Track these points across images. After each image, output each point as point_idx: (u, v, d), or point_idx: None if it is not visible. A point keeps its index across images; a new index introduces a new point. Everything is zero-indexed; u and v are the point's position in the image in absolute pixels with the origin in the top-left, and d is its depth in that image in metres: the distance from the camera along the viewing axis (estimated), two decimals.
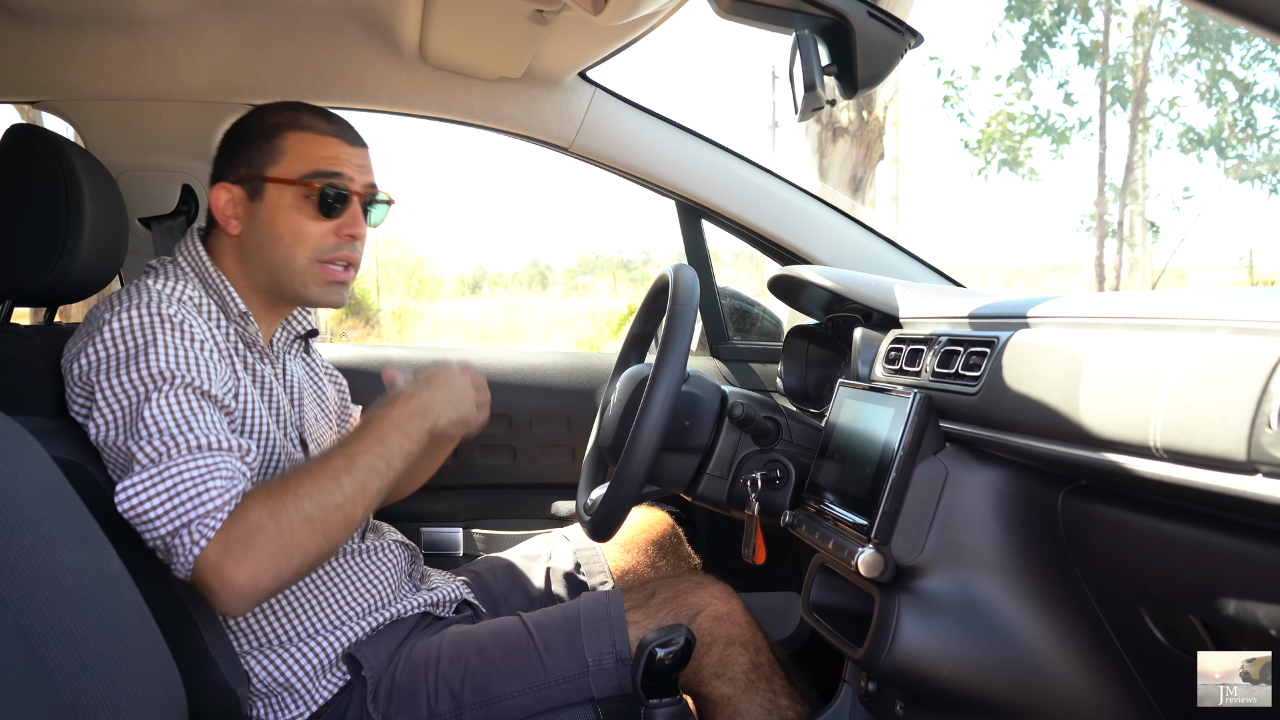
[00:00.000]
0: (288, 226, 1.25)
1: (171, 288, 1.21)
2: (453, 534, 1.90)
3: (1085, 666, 1.02)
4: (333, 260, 1.28)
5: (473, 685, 1.23)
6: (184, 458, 1.06)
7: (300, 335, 1.41)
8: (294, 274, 1.27)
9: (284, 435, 1.30)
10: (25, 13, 1.54)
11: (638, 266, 30.23)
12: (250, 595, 1.03)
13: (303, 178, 1.25)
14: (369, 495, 1.12)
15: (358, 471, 1.11)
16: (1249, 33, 7.52)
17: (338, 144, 1.28)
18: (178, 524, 1.03)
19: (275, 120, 1.28)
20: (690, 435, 1.32)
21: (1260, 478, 0.70)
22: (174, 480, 1.04)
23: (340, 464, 1.12)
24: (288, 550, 1.05)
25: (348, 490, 1.10)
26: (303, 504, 1.07)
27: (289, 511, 1.06)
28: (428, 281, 21.85)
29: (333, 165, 1.26)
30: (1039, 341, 1.00)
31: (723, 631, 1.29)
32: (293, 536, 1.05)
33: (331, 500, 1.08)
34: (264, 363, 1.30)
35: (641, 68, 61.84)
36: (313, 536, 1.06)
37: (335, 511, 1.09)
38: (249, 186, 1.26)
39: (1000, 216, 42.34)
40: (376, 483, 1.13)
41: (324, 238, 1.26)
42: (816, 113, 1.04)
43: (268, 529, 1.04)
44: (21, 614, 0.77)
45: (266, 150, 1.26)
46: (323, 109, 1.31)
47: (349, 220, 1.27)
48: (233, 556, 1.02)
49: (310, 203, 1.25)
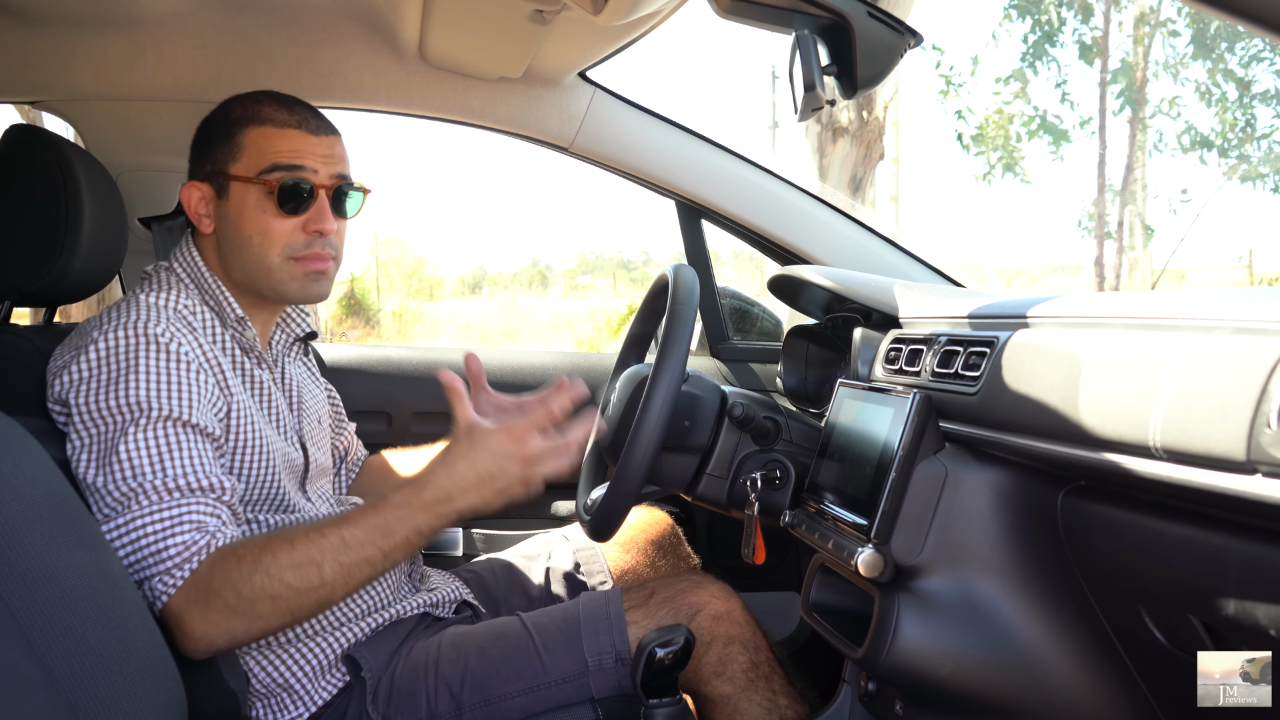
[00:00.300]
0: (255, 225, 1.23)
1: (165, 299, 1.19)
2: (452, 534, 1.90)
3: (1085, 666, 1.02)
4: (304, 258, 1.24)
5: (472, 685, 1.23)
6: (151, 505, 1.05)
7: (299, 338, 1.40)
8: (268, 272, 1.24)
9: (284, 440, 1.30)
10: (25, 13, 1.54)
11: (638, 266, 30.24)
12: (205, 650, 1.03)
13: (261, 174, 1.22)
14: (351, 585, 1.06)
15: (348, 558, 1.05)
16: (1249, 33, 7.53)
17: (299, 135, 1.24)
18: (141, 575, 1.03)
19: (237, 114, 1.26)
20: (690, 435, 1.32)
21: (1260, 478, 0.70)
22: (137, 534, 1.04)
23: (331, 545, 1.05)
24: (246, 620, 1.02)
25: (328, 576, 1.04)
26: (271, 582, 1.02)
27: (256, 584, 1.02)
28: (428, 281, 21.85)
29: (292, 158, 1.22)
30: (1039, 341, 1.00)
31: (722, 631, 1.29)
32: (254, 609, 1.02)
33: (307, 583, 1.03)
34: (261, 368, 1.30)
35: (641, 68, 61.88)
36: (276, 612, 1.03)
37: (308, 595, 1.04)
38: (216, 184, 1.25)
39: (1001, 217, 42.37)
40: (365, 573, 1.06)
41: (293, 235, 1.23)
42: (816, 113, 1.04)
43: (226, 598, 1.01)
44: (21, 614, 0.77)
45: (228, 147, 1.24)
46: (288, 98, 1.28)
47: (315, 215, 1.23)
48: (190, 613, 1.02)
49: (272, 199, 1.22)
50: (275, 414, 1.30)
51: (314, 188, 1.24)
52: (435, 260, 30.26)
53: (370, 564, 1.06)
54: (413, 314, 15.52)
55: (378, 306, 15.53)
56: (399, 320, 15.13)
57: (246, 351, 1.28)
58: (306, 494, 1.34)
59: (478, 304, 22.66)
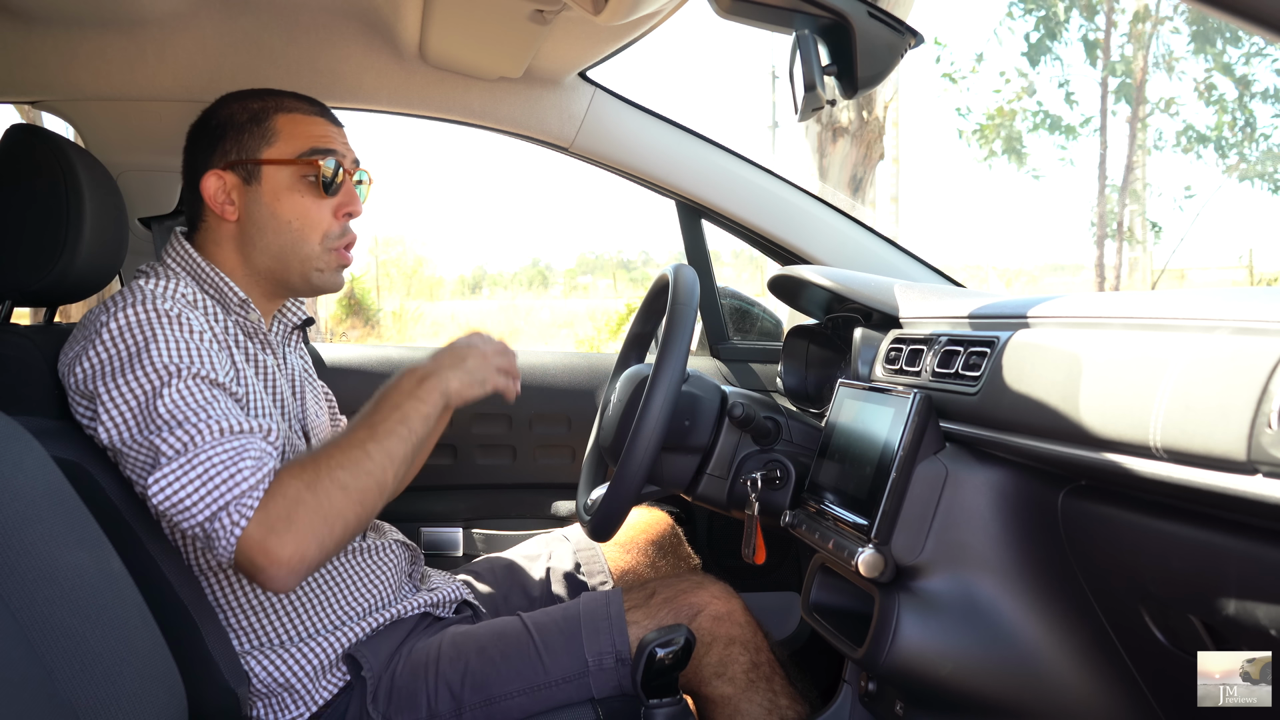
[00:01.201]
0: (293, 209, 1.25)
1: (165, 287, 1.20)
2: (453, 534, 1.90)
3: (1085, 666, 1.02)
4: (340, 246, 1.29)
5: (473, 685, 1.23)
6: (210, 442, 1.06)
7: (296, 325, 1.41)
8: (305, 259, 1.27)
9: (288, 425, 1.30)
10: (25, 13, 1.54)
11: (638, 266, 30.24)
12: (299, 568, 1.03)
13: (301, 156, 1.25)
14: (396, 461, 1.12)
15: (381, 439, 1.12)
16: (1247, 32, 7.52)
17: (324, 123, 1.30)
18: (215, 508, 1.02)
19: (259, 105, 1.28)
20: (690, 435, 1.32)
21: (1260, 478, 0.70)
22: (205, 465, 1.04)
23: (363, 434, 1.12)
24: (329, 520, 1.05)
25: (376, 457, 1.10)
26: (336, 473, 1.07)
27: (324, 482, 1.06)
28: (428, 281, 21.86)
29: (326, 142, 1.27)
30: (1039, 341, 1.00)
31: (723, 631, 1.29)
32: (332, 506, 1.05)
33: (363, 468, 1.09)
34: (266, 352, 1.30)
35: (641, 68, 61.88)
36: (350, 504, 1.07)
37: (368, 478, 1.09)
38: (243, 171, 1.26)
39: (1001, 216, 42.38)
40: (401, 448, 1.13)
41: (329, 221, 1.27)
42: (816, 113, 1.04)
43: (307, 501, 1.04)
44: (21, 614, 0.77)
45: (258, 133, 1.26)
46: (299, 94, 1.32)
47: (346, 198, 1.29)
48: (276, 532, 1.02)
49: (309, 182, 1.26)
50: (279, 398, 1.30)
51: (344, 171, 1.28)
52: (435, 260, 30.29)
53: (400, 439, 1.13)
54: (413, 314, 15.52)
55: (377, 306, 15.53)
56: (399, 320, 15.13)
57: (250, 336, 1.29)
58: None
59: (478, 304, 22.67)
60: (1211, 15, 0.79)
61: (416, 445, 1.15)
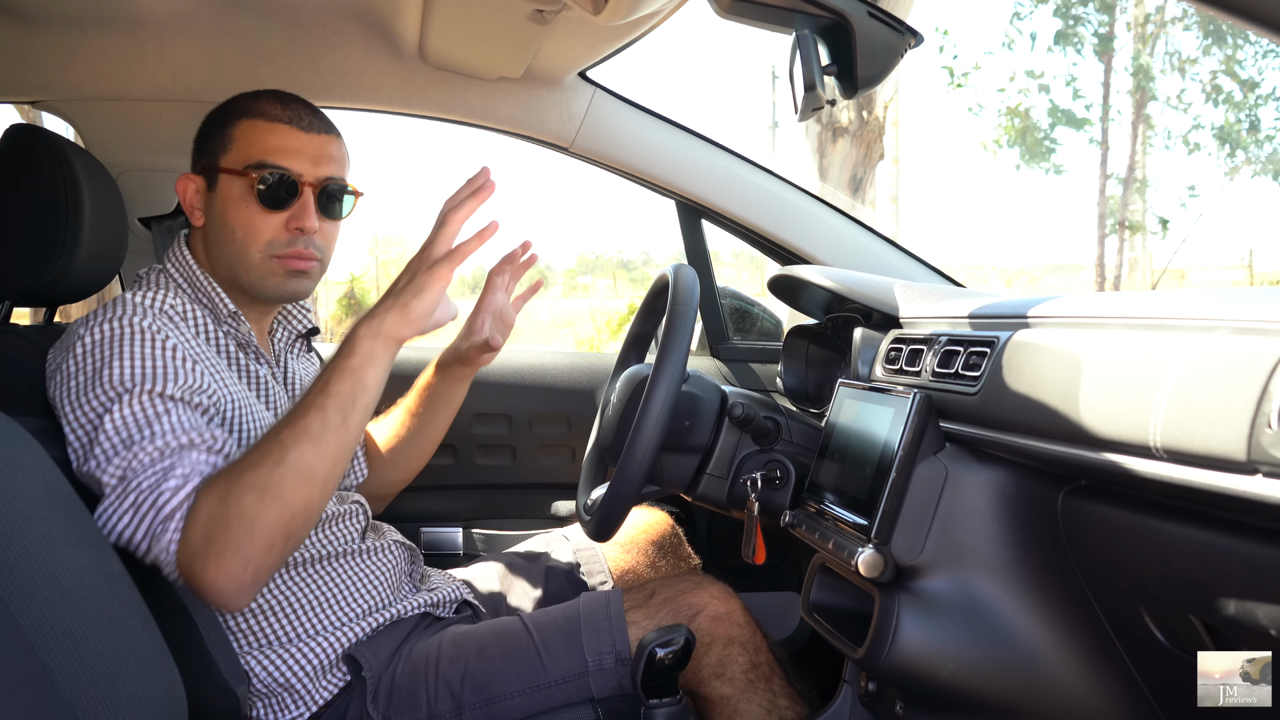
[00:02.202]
0: (238, 219, 1.23)
1: (153, 298, 1.19)
2: (453, 534, 1.90)
3: (1085, 666, 1.02)
4: (285, 256, 1.23)
5: (473, 685, 1.23)
6: (143, 469, 1.02)
7: (301, 334, 1.40)
8: (249, 268, 1.24)
9: None
10: (25, 13, 1.54)
11: (638, 266, 30.23)
12: (232, 589, 0.98)
13: (247, 167, 1.22)
14: (319, 439, 1.00)
15: (297, 419, 1.01)
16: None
17: (289, 131, 1.23)
18: (149, 537, 1.00)
19: (233, 108, 1.27)
20: (690, 435, 1.32)
21: (1260, 478, 0.70)
22: (135, 494, 1.01)
23: (279, 423, 1.03)
24: (250, 530, 0.97)
25: (290, 444, 0.99)
26: (246, 476, 0.98)
27: (235, 490, 0.98)
28: None
29: (278, 155, 1.22)
30: (1039, 341, 1.00)
31: (722, 632, 1.29)
32: (246, 515, 0.97)
33: (275, 459, 0.98)
34: (260, 363, 1.30)
35: (641, 68, 61.84)
36: (269, 507, 0.97)
37: (285, 470, 0.98)
38: (207, 176, 1.26)
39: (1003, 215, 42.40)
40: (321, 422, 1.01)
41: (276, 232, 1.23)
42: (816, 113, 1.04)
43: (218, 516, 0.97)
44: (21, 614, 0.77)
45: (219, 139, 1.25)
46: (288, 95, 1.28)
47: (298, 212, 1.23)
48: (199, 557, 0.98)
49: (255, 194, 1.22)
50: (276, 408, 1.30)
51: (299, 185, 1.23)
52: None
53: (321, 411, 1.01)
54: None
55: None
56: None
57: (242, 348, 1.28)
58: None
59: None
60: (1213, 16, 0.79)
61: (346, 412, 1.02)
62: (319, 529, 1.30)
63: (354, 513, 1.37)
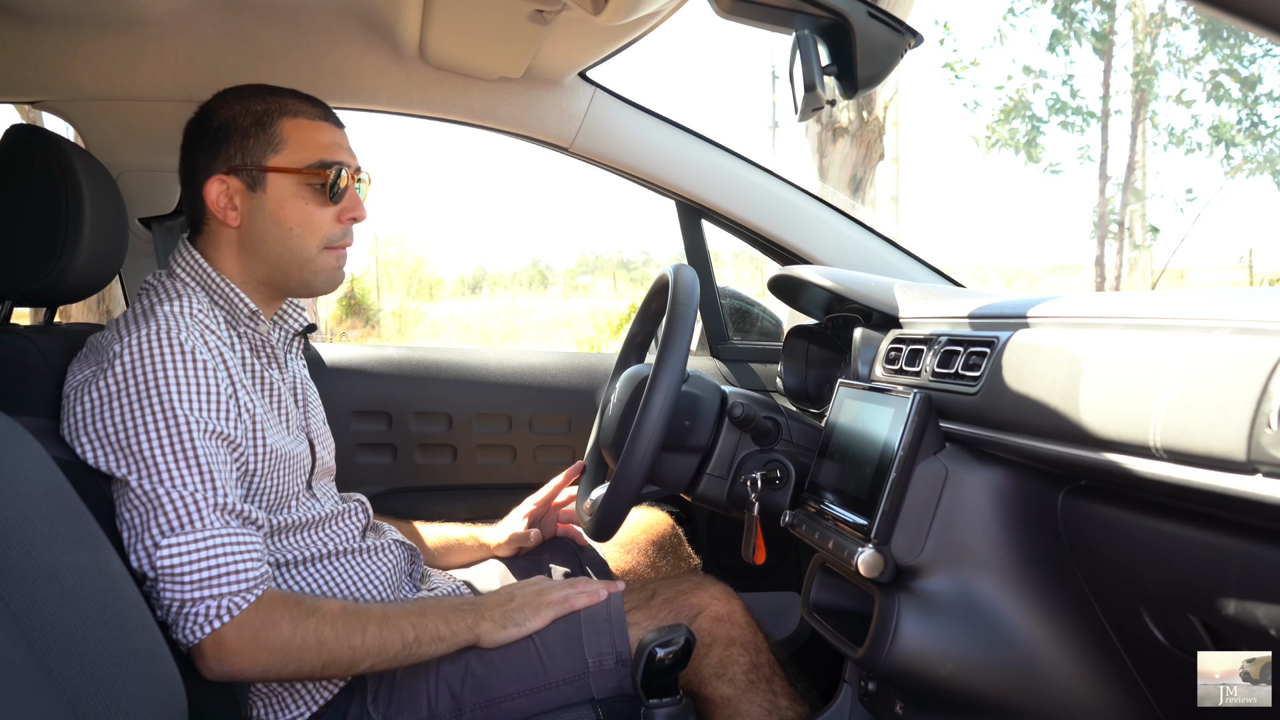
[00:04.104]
0: (296, 216, 1.25)
1: (181, 306, 1.19)
2: None
3: (1085, 666, 1.02)
4: (339, 246, 1.29)
5: (473, 686, 1.23)
6: (220, 524, 1.07)
7: (298, 332, 1.40)
8: (304, 262, 1.27)
9: (292, 439, 1.30)
10: (25, 13, 1.54)
11: (638, 266, 30.25)
12: (235, 676, 1.07)
13: (310, 166, 1.25)
14: (385, 655, 1.14)
15: (388, 630, 1.14)
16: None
17: (329, 128, 1.29)
18: (207, 592, 1.04)
19: (262, 107, 1.26)
20: (690, 435, 1.32)
21: (1260, 478, 0.70)
22: (215, 549, 1.06)
23: (376, 614, 1.14)
24: (287, 658, 1.07)
25: (369, 641, 1.12)
26: (323, 628, 1.09)
27: (308, 626, 1.08)
28: (428, 281, 21.85)
29: (333, 152, 1.27)
30: (1039, 341, 1.00)
31: (723, 632, 1.28)
32: (300, 650, 1.08)
33: (349, 641, 1.11)
34: (271, 368, 1.30)
35: (641, 68, 61.87)
36: (316, 660, 1.09)
37: (347, 651, 1.11)
38: (247, 177, 1.25)
39: (1003, 215, 42.41)
40: (397, 648, 1.14)
41: (330, 225, 1.27)
42: (816, 113, 1.04)
43: (283, 631, 1.07)
44: (21, 614, 0.77)
45: (264, 139, 1.25)
46: (301, 92, 1.31)
47: (351, 203, 1.29)
48: (242, 639, 1.05)
49: (315, 190, 1.25)
50: (284, 413, 1.30)
51: (349, 178, 1.28)
52: (435, 260, 30.29)
53: (402, 639, 1.15)
54: (413, 314, 15.51)
55: (377, 306, 15.53)
56: (399, 320, 15.12)
57: (256, 352, 1.28)
58: (314, 491, 1.35)
59: (478, 304, 22.65)
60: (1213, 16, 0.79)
61: (414, 656, 1.17)
62: (319, 528, 1.30)
63: (354, 511, 1.37)
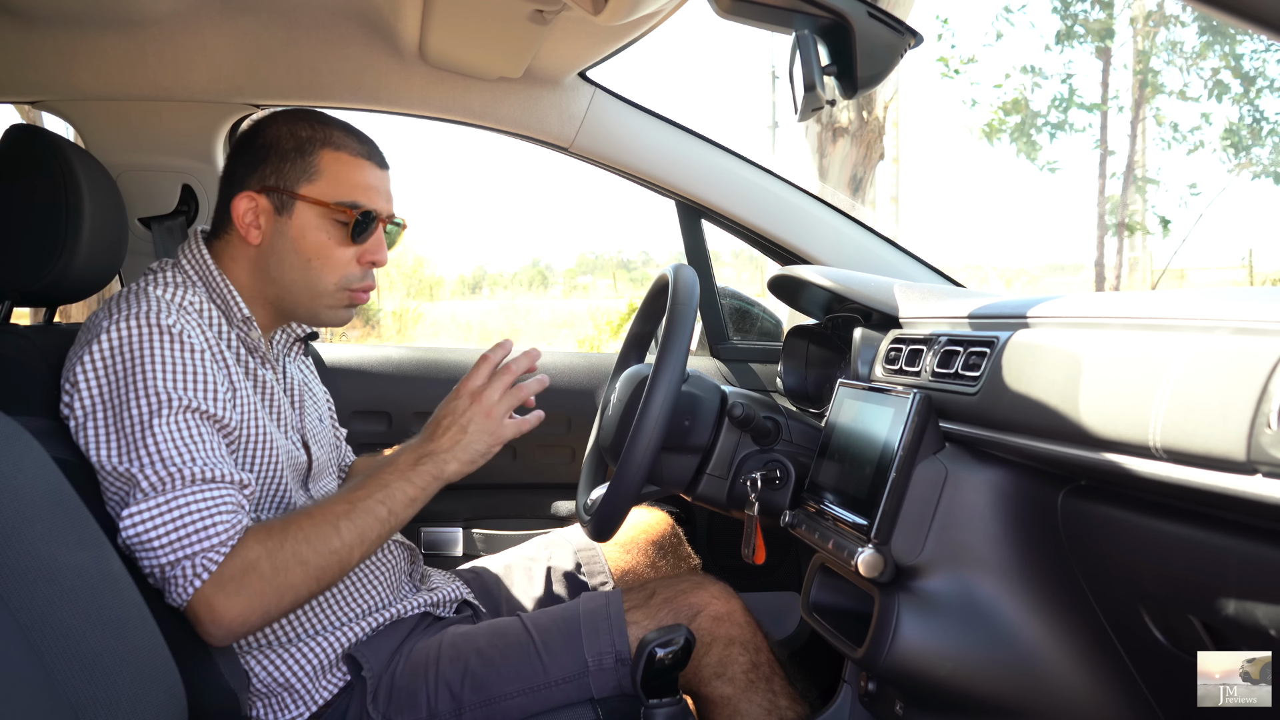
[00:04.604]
0: (315, 248, 1.24)
1: (173, 294, 1.19)
2: (452, 534, 1.90)
3: (1085, 666, 1.02)
4: (357, 289, 1.28)
5: (472, 685, 1.23)
6: (190, 488, 1.06)
7: (300, 338, 1.40)
8: (316, 295, 1.26)
9: (286, 438, 1.30)
10: (25, 13, 1.54)
11: (638, 266, 30.24)
12: (238, 631, 1.05)
13: (339, 203, 1.23)
14: (367, 541, 1.13)
15: (358, 517, 1.12)
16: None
17: (370, 169, 1.27)
18: (179, 554, 1.03)
19: (307, 134, 1.25)
20: (690, 435, 1.32)
21: (1260, 478, 0.70)
22: (180, 510, 1.05)
23: (341, 509, 1.12)
24: (279, 591, 1.06)
25: (346, 536, 1.11)
26: (299, 547, 1.08)
27: (285, 553, 1.07)
28: (428, 281, 21.83)
29: (367, 195, 1.25)
30: (1039, 341, 1.00)
31: (722, 632, 1.29)
32: (286, 578, 1.06)
33: (329, 545, 1.09)
34: (265, 367, 1.30)
35: (641, 68, 61.88)
36: (305, 579, 1.08)
37: (330, 556, 1.10)
38: (276, 199, 1.24)
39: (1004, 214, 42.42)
40: (376, 529, 1.13)
41: (350, 265, 1.26)
42: (816, 113, 1.04)
43: (262, 569, 1.05)
44: (21, 614, 0.77)
45: (301, 166, 1.23)
46: (351, 126, 1.30)
47: (373, 247, 1.27)
48: (225, 592, 1.03)
49: (340, 227, 1.24)
50: (279, 412, 1.30)
51: (378, 223, 1.27)
52: (435, 260, 30.23)
53: (379, 520, 1.13)
54: (413, 314, 15.50)
55: (378, 306, 15.52)
56: (399, 320, 15.11)
57: (251, 351, 1.28)
58: (309, 492, 1.35)
59: (478, 304, 22.64)
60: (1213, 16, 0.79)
61: (396, 526, 1.16)
62: None
63: None
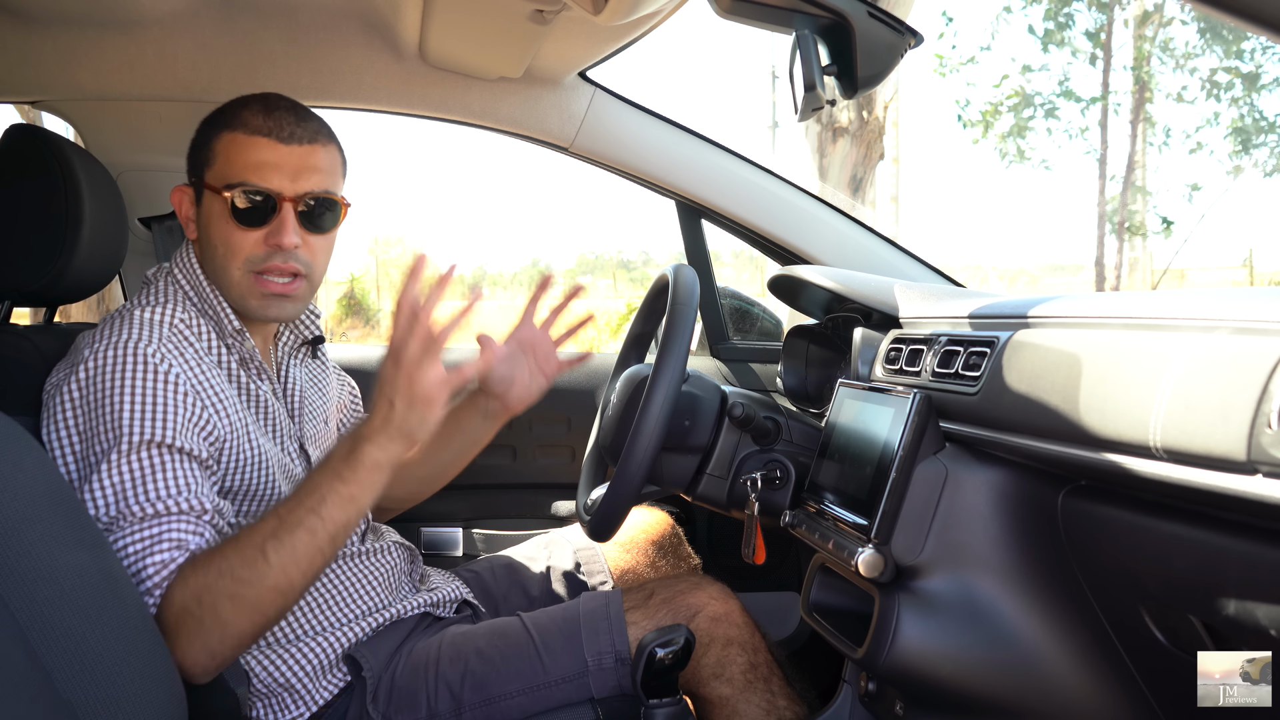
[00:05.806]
0: (220, 234, 1.20)
1: (161, 314, 1.18)
2: (452, 534, 1.90)
3: (1085, 666, 1.02)
4: (266, 271, 1.20)
5: (472, 685, 1.23)
6: (133, 528, 1.03)
7: (306, 341, 1.40)
8: (230, 285, 1.22)
9: (282, 450, 1.29)
10: (25, 13, 1.54)
11: (638, 266, 30.23)
12: (194, 672, 1.00)
13: (226, 186, 1.18)
14: (302, 562, 1.01)
15: (285, 535, 1.00)
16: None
17: (267, 145, 1.18)
18: None
19: (218, 119, 1.23)
20: (690, 435, 1.32)
21: (1260, 478, 0.70)
22: (121, 551, 1.02)
23: (269, 528, 1.01)
24: (220, 630, 1.00)
25: (274, 559, 0.99)
26: (224, 582, 1.00)
27: (215, 591, 1.00)
28: (428, 281, 21.82)
29: (255, 173, 1.18)
30: (1039, 341, 1.00)
31: (720, 632, 1.29)
32: (218, 617, 0.99)
33: (256, 574, 0.99)
34: (261, 379, 1.28)
35: (641, 68, 61.90)
36: (241, 614, 1.00)
37: (261, 586, 0.99)
38: (195, 191, 1.24)
39: (1004, 214, 42.41)
40: (308, 542, 1.00)
41: (254, 247, 1.19)
42: (816, 113, 1.04)
43: (194, 612, 1.00)
44: (21, 614, 0.77)
45: (204, 153, 1.23)
46: (275, 102, 1.22)
47: (276, 229, 1.19)
48: (170, 639, 0.99)
49: (233, 212, 1.19)
50: (273, 425, 1.29)
51: (277, 202, 1.19)
52: (435, 260, 30.20)
53: (311, 534, 1.00)
54: None
55: (377, 306, 15.51)
56: None
57: (244, 364, 1.27)
58: None
59: (478, 304, 22.63)
60: (1212, 16, 0.79)
61: (340, 533, 1.02)
62: None
63: None
